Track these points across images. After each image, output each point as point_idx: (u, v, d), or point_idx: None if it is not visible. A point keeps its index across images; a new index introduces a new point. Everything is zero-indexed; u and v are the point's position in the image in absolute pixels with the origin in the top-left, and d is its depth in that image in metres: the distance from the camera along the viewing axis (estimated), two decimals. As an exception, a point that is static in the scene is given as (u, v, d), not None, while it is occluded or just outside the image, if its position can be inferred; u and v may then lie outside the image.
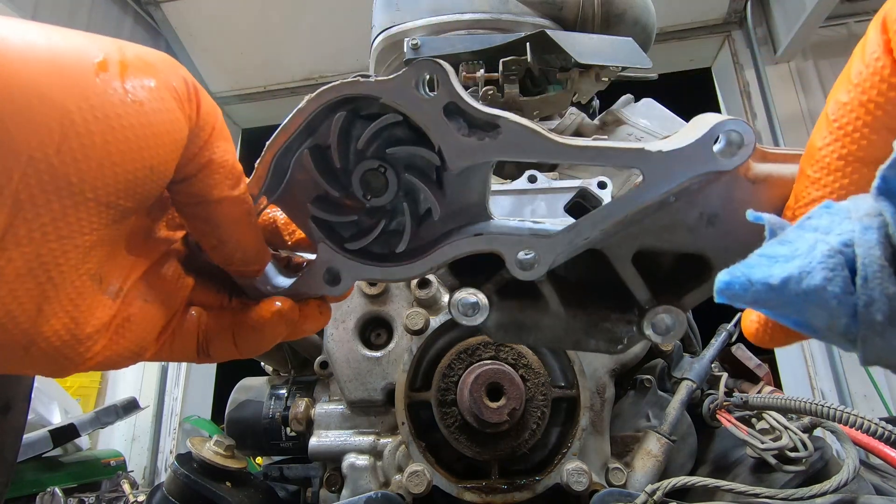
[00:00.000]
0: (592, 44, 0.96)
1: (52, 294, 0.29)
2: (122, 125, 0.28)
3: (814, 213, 0.26)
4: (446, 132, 0.33)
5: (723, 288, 0.26)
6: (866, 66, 0.26)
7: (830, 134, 0.28)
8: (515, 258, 0.35)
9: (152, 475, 3.76)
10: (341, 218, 0.37)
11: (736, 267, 0.27)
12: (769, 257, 0.26)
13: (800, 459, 0.71)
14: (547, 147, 0.33)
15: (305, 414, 0.88)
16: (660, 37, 1.33)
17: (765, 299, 0.25)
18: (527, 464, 0.81)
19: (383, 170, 0.35)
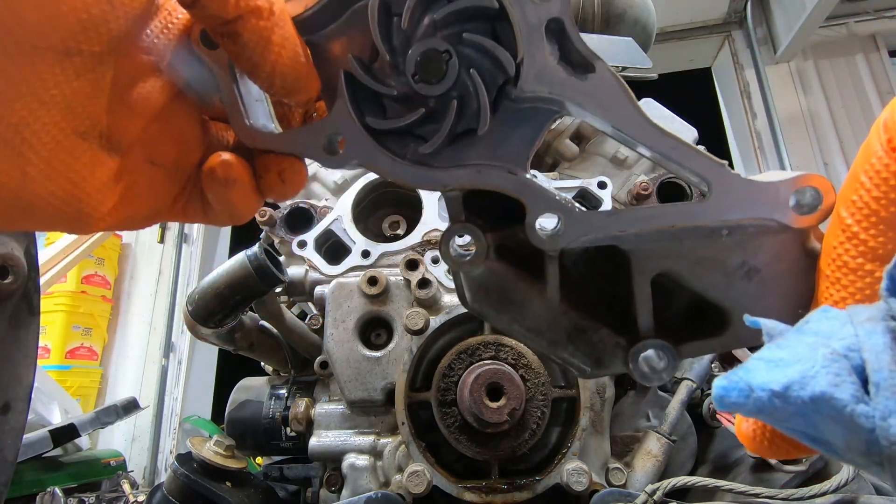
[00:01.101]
0: (592, 44, 0.95)
1: (33, 156, 0.28)
2: None
3: (812, 318, 0.25)
4: (538, 47, 0.29)
5: (721, 394, 0.24)
6: (872, 166, 0.26)
7: (844, 233, 0.28)
8: (538, 219, 0.31)
9: (152, 475, 3.76)
10: (380, 86, 0.32)
11: (734, 372, 0.25)
12: (768, 361, 0.24)
13: (800, 459, 0.71)
14: (630, 117, 0.29)
15: (305, 414, 0.88)
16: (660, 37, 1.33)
17: (768, 408, 0.23)
18: (527, 464, 0.81)
19: (447, 56, 0.30)
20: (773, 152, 3.55)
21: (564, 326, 0.35)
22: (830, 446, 0.23)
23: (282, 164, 0.34)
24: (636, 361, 0.32)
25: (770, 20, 3.79)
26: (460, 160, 0.32)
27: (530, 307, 0.35)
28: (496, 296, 0.35)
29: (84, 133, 0.29)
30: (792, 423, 0.23)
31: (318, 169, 1.15)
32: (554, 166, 1.10)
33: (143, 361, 3.98)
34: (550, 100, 0.30)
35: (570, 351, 0.35)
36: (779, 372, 0.23)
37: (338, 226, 0.96)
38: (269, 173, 0.35)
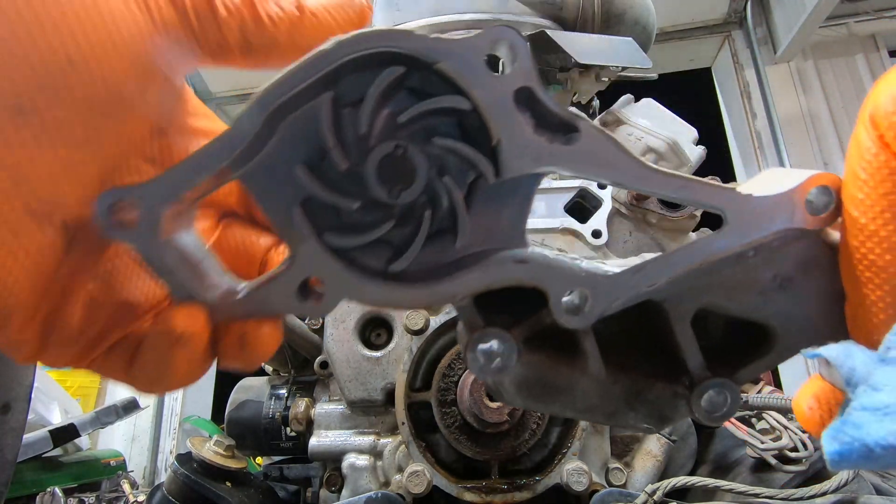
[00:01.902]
0: (592, 44, 0.96)
1: None
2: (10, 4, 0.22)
3: (891, 342, 0.24)
4: (513, 123, 0.26)
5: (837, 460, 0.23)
6: (869, 162, 0.25)
7: (862, 232, 0.27)
8: (562, 298, 0.29)
9: (152, 475, 3.76)
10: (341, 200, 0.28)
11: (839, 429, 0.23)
12: (873, 411, 0.23)
13: (800, 459, 0.71)
14: (627, 169, 0.27)
15: (305, 414, 0.88)
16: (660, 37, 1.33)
17: (892, 462, 0.22)
18: (527, 464, 0.81)
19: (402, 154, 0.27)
20: (773, 152, 3.54)
21: (618, 394, 0.33)
22: None
23: (245, 326, 0.28)
24: (701, 405, 0.31)
25: (770, 20, 3.79)
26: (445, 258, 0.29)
27: (578, 388, 0.33)
28: (538, 388, 0.33)
29: (37, 212, 0.24)
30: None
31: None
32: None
33: (143, 361, 3.97)
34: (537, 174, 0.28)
35: (633, 418, 0.33)
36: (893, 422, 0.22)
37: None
38: (229, 337, 0.28)
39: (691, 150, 1.05)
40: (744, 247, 0.28)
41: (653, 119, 1.09)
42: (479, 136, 0.27)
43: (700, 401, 0.30)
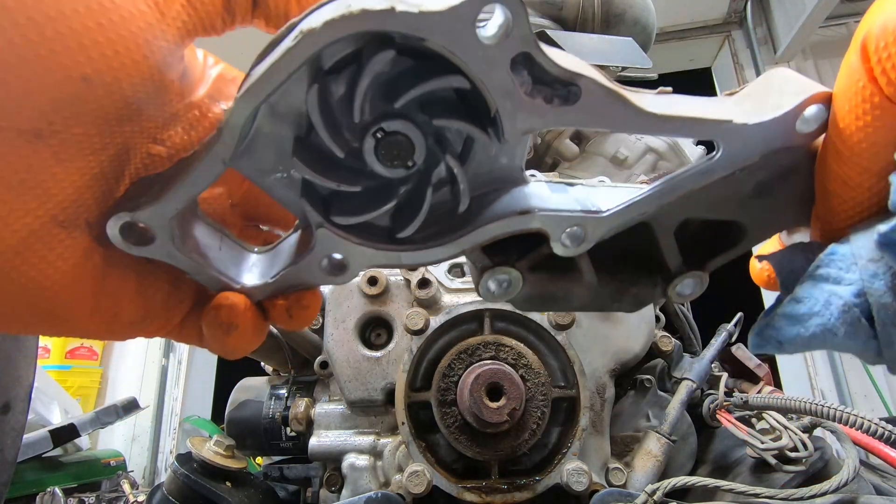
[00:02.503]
0: (592, 44, 0.96)
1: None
2: (26, 22, 0.21)
3: (821, 262, 0.28)
4: (511, 92, 0.26)
5: (757, 347, 0.30)
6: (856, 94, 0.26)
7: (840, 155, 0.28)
8: (561, 236, 0.31)
9: (152, 475, 3.76)
10: (348, 186, 0.28)
11: (763, 327, 0.30)
12: (789, 317, 0.29)
13: (800, 459, 0.71)
14: (630, 117, 0.28)
15: (305, 414, 0.88)
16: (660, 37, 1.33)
17: (797, 351, 0.30)
18: (527, 464, 0.81)
19: (407, 142, 0.27)
20: (773, 152, 3.54)
21: (607, 293, 0.37)
22: (843, 351, 0.29)
23: (289, 300, 0.32)
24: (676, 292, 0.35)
25: (770, 20, 3.79)
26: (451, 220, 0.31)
27: (573, 295, 0.37)
28: (539, 299, 0.37)
29: (64, 222, 0.26)
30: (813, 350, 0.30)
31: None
32: (554, 166, 1.10)
33: (143, 361, 3.98)
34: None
35: (617, 306, 0.38)
36: (801, 327, 0.28)
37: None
38: (276, 309, 0.33)
39: (691, 150, 1.05)
40: (734, 169, 0.30)
41: (653, 119, 1.09)
42: (478, 103, 0.27)
43: (675, 288, 0.35)
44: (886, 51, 0.24)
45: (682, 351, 0.93)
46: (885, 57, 0.24)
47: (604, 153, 1.06)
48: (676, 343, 0.91)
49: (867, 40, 0.25)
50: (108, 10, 0.22)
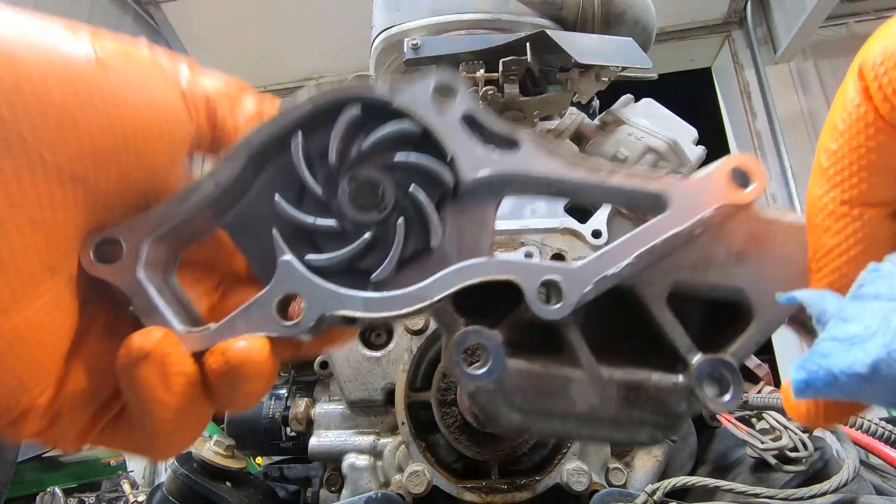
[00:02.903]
0: (592, 44, 0.96)
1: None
2: (84, 82, 0.25)
3: (864, 280, 0.24)
4: (464, 139, 0.30)
5: (802, 388, 0.24)
6: (849, 113, 0.26)
7: (827, 182, 0.28)
8: (536, 289, 0.30)
9: (152, 475, 3.76)
10: (318, 222, 0.30)
11: (807, 359, 0.24)
12: (841, 340, 0.23)
13: (800, 459, 0.71)
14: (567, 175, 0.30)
15: (305, 414, 0.88)
16: (660, 37, 1.33)
17: (856, 391, 0.22)
18: (527, 464, 0.81)
19: (381, 183, 0.31)
20: (773, 152, 3.55)
21: (615, 392, 0.32)
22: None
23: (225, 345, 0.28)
24: (703, 392, 0.30)
25: (770, 20, 3.79)
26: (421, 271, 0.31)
27: (572, 388, 0.32)
28: (532, 395, 0.32)
29: (54, 268, 0.26)
30: (876, 397, 0.23)
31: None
32: (554, 166, 1.10)
33: (143, 361, 3.98)
34: (490, 182, 0.31)
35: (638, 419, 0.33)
36: (859, 351, 0.22)
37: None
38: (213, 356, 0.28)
39: (691, 150, 1.05)
40: (690, 225, 0.30)
41: (653, 119, 1.09)
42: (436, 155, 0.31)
43: (702, 385, 0.30)
44: (886, 75, 0.24)
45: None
46: (884, 77, 0.24)
47: (604, 153, 1.06)
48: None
49: (864, 64, 0.25)
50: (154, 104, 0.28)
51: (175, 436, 0.28)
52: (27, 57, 0.24)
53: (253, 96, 0.33)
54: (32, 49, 0.24)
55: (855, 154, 0.27)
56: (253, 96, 0.33)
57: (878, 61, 0.24)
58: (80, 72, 0.25)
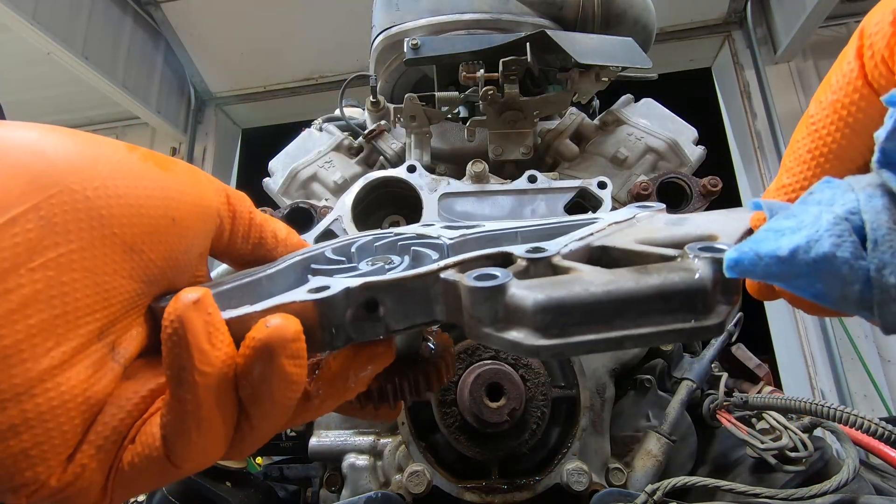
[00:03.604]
0: (592, 44, 0.96)
1: (62, 333, 0.28)
2: (147, 178, 0.32)
3: (815, 189, 0.27)
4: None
5: (732, 265, 0.26)
6: (842, 70, 0.28)
7: (806, 129, 0.31)
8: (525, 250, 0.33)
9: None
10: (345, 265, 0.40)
11: (744, 243, 0.27)
12: (776, 231, 0.26)
13: (800, 459, 0.71)
14: None
15: (305, 414, 0.87)
16: (660, 37, 1.33)
17: (776, 272, 0.25)
18: (527, 464, 0.81)
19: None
20: (773, 152, 3.55)
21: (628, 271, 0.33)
22: (827, 299, 0.25)
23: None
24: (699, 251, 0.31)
25: (770, 20, 3.79)
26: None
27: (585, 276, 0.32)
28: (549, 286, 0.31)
29: (103, 332, 0.30)
30: (795, 282, 0.25)
31: (318, 169, 1.15)
32: (554, 166, 1.10)
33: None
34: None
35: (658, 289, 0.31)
36: (785, 239, 0.25)
37: (338, 226, 0.96)
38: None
39: (691, 150, 1.05)
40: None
41: (653, 119, 1.09)
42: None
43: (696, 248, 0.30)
44: (879, 33, 0.26)
45: (682, 351, 0.93)
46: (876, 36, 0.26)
47: (604, 153, 1.06)
48: (676, 343, 0.91)
49: (865, 26, 0.27)
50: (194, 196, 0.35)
51: (205, 425, 0.29)
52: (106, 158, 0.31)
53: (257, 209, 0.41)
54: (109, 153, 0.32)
55: (835, 112, 0.29)
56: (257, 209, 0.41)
57: (874, 26, 0.26)
58: (144, 169, 0.33)
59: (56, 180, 0.29)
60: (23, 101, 4.40)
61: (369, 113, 1.19)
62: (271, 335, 0.28)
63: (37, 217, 0.28)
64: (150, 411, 0.31)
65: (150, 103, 4.11)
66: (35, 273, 0.27)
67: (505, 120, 1.00)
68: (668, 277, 0.27)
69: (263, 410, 0.30)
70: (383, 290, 0.31)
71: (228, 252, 0.39)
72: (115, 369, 0.30)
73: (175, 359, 0.28)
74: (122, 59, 3.83)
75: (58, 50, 3.32)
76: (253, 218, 0.39)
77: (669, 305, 0.27)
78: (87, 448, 0.29)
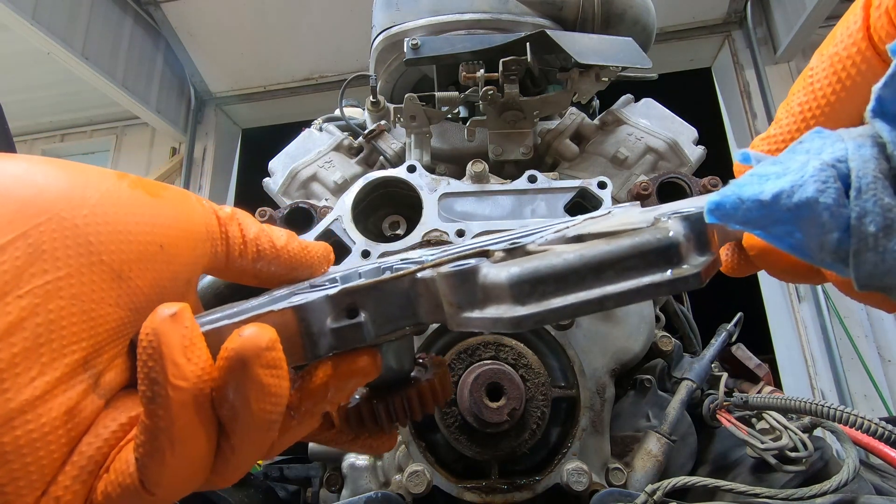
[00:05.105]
0: (592, 44, 0.96)
1: (47, 362, 0.27)
2: (136, 205, 0.32)
3: (805, 138, 0.26)
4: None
5: (713, 207, 0.26)
6: (847, 26, 0.28)
7: (803, 82, 0.30)
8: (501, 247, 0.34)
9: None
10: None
11: (727, 188, 0.26)
12: (760, 175, 0.26)
13: (800, 459, 0.71)
14: None
15: (305, 414, 0.87)
16: (660, 37, 1.33)
17: (756, 217, 0.25)
18: (527, 464, 0.81)
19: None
20: (773, 152, 3.54)
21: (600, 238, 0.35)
22: (804, 249, 0.25)
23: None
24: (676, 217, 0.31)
25: (770, 20, 3.79)
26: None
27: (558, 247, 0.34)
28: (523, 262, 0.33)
29: (88, 363, 0.29)
30: (774, 229, 0.25)
31: (319, 169, 1.15)
32: (554, 166, 1.10)
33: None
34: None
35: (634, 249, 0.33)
36: (769, 184, 0.25)
37: (338, 226, 0.95)
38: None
39: (691, 150, 1.05)
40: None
41: (653, 119, 1.09)
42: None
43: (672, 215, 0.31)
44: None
45: (682, 351, 0.93)
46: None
47: (604, 153, 1.06)
48: (676, 343, 0.91)
49: None
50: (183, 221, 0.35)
51: (179, 447, 0.28)
52: (94, 186, 0.31)
53: (250, 218, 0.40)
54: (98, 181, 0.32)
55: (835, 63, 0.28)
56: (250, 218, 0.40)
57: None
58: (132, 196, 0.33)
59: (45, 208, 0.29)
60: (23, 101, 4.40)
61: (369, 113, 1.19)
62: (244, 344, 0.27)
63: (25, 244, 0.28)
64: (126, 438, 0.30)
65: (149, 103, 4.11)
66: (22, 300, 0.27)
67: (505, 120, 1.00)
68: (642, 237, 0.27)
69: (243, 427, 0.28)
70: (363, 293, 0.31)
71: (229, 271, 0.39)
72: (97, 402, 0.30)
73: (148, 372, 0.27)
74: (122, 59, 3.83)
75: (58, 50, 3.32)
76: (245, 235, 0.39)
77: (645, 260, 0.27)
78: (63, 479, 0.28)
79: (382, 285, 0.31)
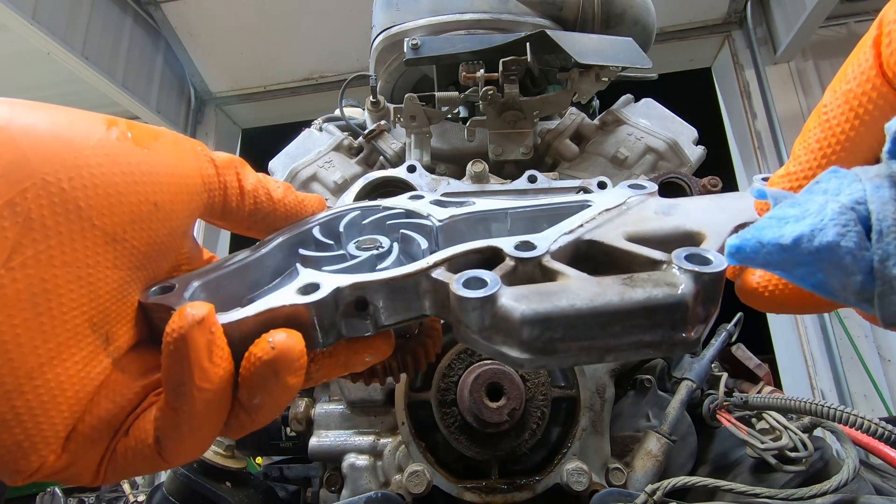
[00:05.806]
0: (592, 44, 0.96)
1: (49, 329, 0.28)
2: (126, 162, 0.31)
3: (822, 178, 0.26)
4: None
5: (733, 251, 0.26)
6: (858, 63, 0.28)
7: (818, 118, 0.30)
8: (513, 246, 0.33)
9: (152, 475, 3.76)
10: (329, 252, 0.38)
11: (746, 230, 0.26)
12: (779, 219, 0.26)
13: (800, 459, 0.71)
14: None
15: (305, 414, 0.87)
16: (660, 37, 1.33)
17: (777, 260, 0.25)
18: (527, 464, 0.81)
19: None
20: (773, 152, 3.55)
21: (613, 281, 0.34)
22: (827, 289, 0.25)
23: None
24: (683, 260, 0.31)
25: (770, 20, 3.79)
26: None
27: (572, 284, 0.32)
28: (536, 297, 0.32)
29: (94, 324, 0.30)
30: (796, 271, 0.25)
31: (319, 169, 1.15)
32: (554, 166, 1.10)
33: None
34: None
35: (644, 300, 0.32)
36: (789, 227, 0.25)
37: (338, 226, 0.95)
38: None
39: (691, 150, 1.05)
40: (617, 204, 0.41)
41: (653, 119, 1.08)
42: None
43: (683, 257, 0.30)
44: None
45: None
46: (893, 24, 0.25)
47: (604, 153, 1.06)
48: (676, 343, 0.91)
49: (883, 16, 0.26)
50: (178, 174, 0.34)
51: (198, 431, 0.30)
52: (81, 141, 0.30)
53: (248, 167, 0.40)
54: (84, 135, 0.30)
55: (850, 99, 0.28)
56: (248, 167, 0.40)
57: (893, 10, 0.26)
58: (122, 151, 0.31)
59: (29, 172, 0.27)
60: (23, 101, 4.39)
61: (369, 113, 1.19)
62: (277, 358, 0.28)
63: (12, 214, 0.27)
64: (142, 406, 0.31)
65: (149, 103, 4.11)
66: (15, 272, 0.27)
67: (505, 120, 1.00)
68: (653, 293, 0.28)
69: (265, 412, 0.31)
70: (373, 289, 0.32)
71: (224, 221, 0.39)
72: (106, 362, 0.31)
73: (175, 374, 0.28)
74: (122, 59, 3.83)
75: (58, 50, 3.32)
76: (244, 185, 0.38)
77: (652, 320, 0.28)
78: (82, 439, 0.29)
79: (393, 282, 0.32)
